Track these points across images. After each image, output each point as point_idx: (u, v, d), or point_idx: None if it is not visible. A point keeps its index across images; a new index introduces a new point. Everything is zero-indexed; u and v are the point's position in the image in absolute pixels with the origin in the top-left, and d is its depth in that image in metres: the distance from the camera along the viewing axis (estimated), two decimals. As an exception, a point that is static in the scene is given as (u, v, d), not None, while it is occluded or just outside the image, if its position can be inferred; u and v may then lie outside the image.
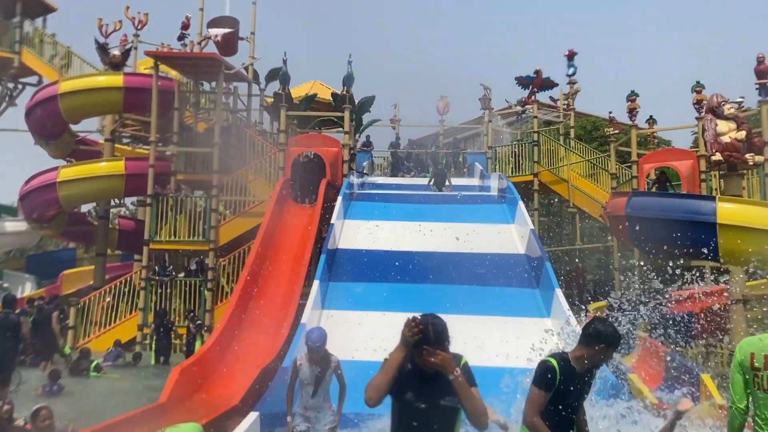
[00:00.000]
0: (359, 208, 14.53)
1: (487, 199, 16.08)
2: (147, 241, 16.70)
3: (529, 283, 11.16)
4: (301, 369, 5.84)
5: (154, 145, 17.33)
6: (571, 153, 21.48)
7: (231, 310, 10.78)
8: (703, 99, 16.93)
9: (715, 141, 12.84)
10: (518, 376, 8.61)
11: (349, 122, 17.38)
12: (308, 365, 5.83)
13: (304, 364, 5.84)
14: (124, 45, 20.08)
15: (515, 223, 13.54)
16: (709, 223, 11.05)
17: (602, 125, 29.92)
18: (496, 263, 11.84)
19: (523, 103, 24.24)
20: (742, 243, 10.94)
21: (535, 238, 11.84)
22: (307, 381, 5.83)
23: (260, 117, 22.11)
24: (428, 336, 2.99)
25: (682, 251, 13.49)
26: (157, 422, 6.85)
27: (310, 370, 5.81)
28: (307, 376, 5.82)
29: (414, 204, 15.09)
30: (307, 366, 5.83)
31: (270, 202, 14.52)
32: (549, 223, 27.34)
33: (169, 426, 3.70)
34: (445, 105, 24.34)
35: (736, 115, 13.02)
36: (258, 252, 12.63)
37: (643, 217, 12.14)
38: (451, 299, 10.50)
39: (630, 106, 17.95)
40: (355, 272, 11.55)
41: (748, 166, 12.98)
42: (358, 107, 20.33)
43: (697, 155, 17.27)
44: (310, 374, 5.81)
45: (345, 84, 18.16)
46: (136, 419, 6.79)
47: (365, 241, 12.69)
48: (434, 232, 13.19)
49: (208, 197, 17.10)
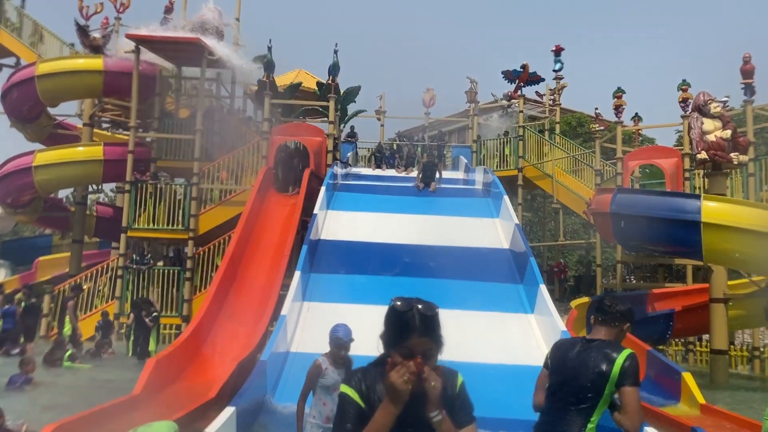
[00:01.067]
0: (343, 198, 14.34)
1: (472, 193, 15.97)
2: (125, 228, 16.37)
3: (513, 278, 11.06)
4: (326, 374, 4.94)
5: (134, 130, 16.96)
6: (555, 148, 21.47)
7: (209, 300, 10.57)
8: (689, 97, 16.92)
9: (700, 139, 12.83)
10: (500, 372, 8.56)
11: (333, 112, 17.15)
12: (333, 368, 4.95)
13: (328, 368, 4.94)
14: (105, 28, 19.63)
15: (500, 217, 13.44)
16: (693, 221, 11.02)
17: (587, 121, 29.99)
18: (480, 257, 11.75)
19: (509, 97, 24.15)
20: (725, 242, 10.93)
21: (519, 233, 11.75)
22: (332, 386, 4.89)
23: (244, 105, 21.78)
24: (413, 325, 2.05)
25: (666, 249, 13.51)
26: (130, 415, 6.65)
27: (337, 373, 4.92)
28: (332, 382, 4.91)
29: (398, 196, 14.94)
30: (332, 370, 4.94)
31: (252, 191, 14.27)
32: (532, 219, 27.38)
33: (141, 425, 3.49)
34: (431, 97, 24.13)
35: (722, 114, 13.01)
36: (238, 241, 12.41)
37: (627, 214, 12.09)
38: (433, 293, 10.36)
39: (616, 103, 17.89)
40: (337, 264, 11.37)
41: (733, 165, 12.98)
42: (344, 97, 20.10)
43: (681, 153, 17.31)
44: (337, 378, 4.91)
45: (330, 73, 17.90)
46: (107, 412, 6.57)
47: (348, 232, 12.52)
48: (418, 224, 13.06)
49: (188, 185, 16.79)
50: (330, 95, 17.22)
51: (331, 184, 14.54)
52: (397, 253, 11.86)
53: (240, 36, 20.45)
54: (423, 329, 2.06)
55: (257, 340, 9.32)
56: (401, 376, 1.98)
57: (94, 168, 17.49)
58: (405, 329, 2.05)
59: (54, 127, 20.00)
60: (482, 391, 7.07)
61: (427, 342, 2.06)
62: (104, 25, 19.75)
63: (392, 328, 2.09)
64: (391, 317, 2.10)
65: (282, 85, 21.19)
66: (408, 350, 2.02)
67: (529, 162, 21.00)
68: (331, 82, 17.66)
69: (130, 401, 7.11)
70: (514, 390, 7.88)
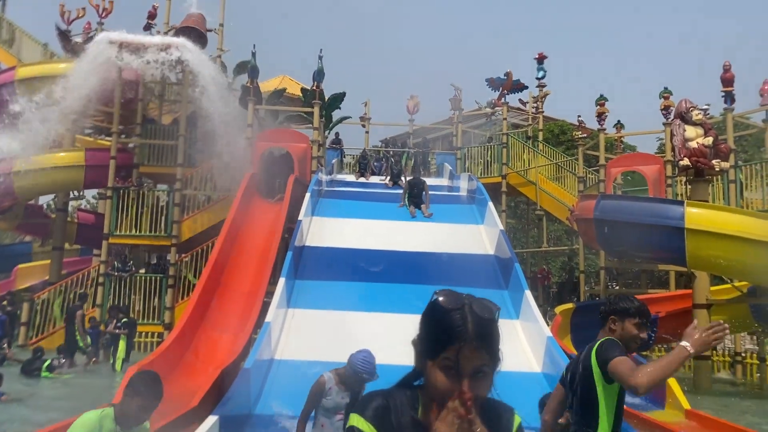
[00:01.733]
0: (328, 205, 14.27)
1: (457, 200, 15.97)
2: (106, 235, 16.17)
3: (498, 284, 11.04)
4: (329, 393, 4.52)
5: (116, 135, 16.81)
6: (539, 156, 21.60)
7: (192, 307, 10.41)
8: (671, 105, 17.12)
9: (683, 146, 12.95)
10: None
11: (318, 118, 17.10)
12: (338, 389, 4.51)
13: (333, 388, 4.52)
14: (87, 33, 19.45)
15: (485, 223, 13.44)
16: (677, 227, 11.11)
17: (569, 129, 30.22)
18: (465, 263, 11.72)
19: (493, 105, 24.27)
20: (709, 248, 11.03)
21: (504, 239, 11.75)
22: (333, 409, 4.51)
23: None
24: (464, 330, 1.48)
25: (650, 255, 13.60)
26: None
27: (340, 396, 4.52)
28: (333, 405, 4.51)
29: (383, 202, 14.89)
30: (337, 391, 4.51)
31: (236, 197, 14.15)
32: (516, 225, 27.47)
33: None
34: (415, 104, 24.21)
35: (704, 121, 13.16)
36: (222, 248, 12.27)
37: (611, 220, 12.18)
38: (418, 299, 10.30)
39: (599, 110, 18.05)
40: (323, 270, 11.28)
41: (715, 172, 13.12)
42: (328, 103, 20.05)
43: (663, 160, 17.47)
44: (339, 402, 4.51)
45: (315, 79, 17.86)
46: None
47: (333, 238, 12.44)
48: (403, 231, 13.03)
49: (171, 191, 16.64)
50: (315, 101, 17.18)
51: (316, 190, 14.46)
52: (382, 259, 11.80)
53: (224, 41, 20.38)
54: (477, 337, 1.48)
55: (241, 348, 9.19)
56: (449, 425, 1.42)
57: (75, 174, 17.27)
58: (450, 335, 1.48)
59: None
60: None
61: (481, 356, 1.48)
62: (86, 30, 19.55)
63: (432, 332, 1.52)
64: (432, 317, 1.53)
65: (266, 91, 21.12)
66: (452, 364, 1.47)
67: (512, 169, 21.11)
68: (315, 88, 17.62)
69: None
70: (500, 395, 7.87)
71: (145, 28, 19.62)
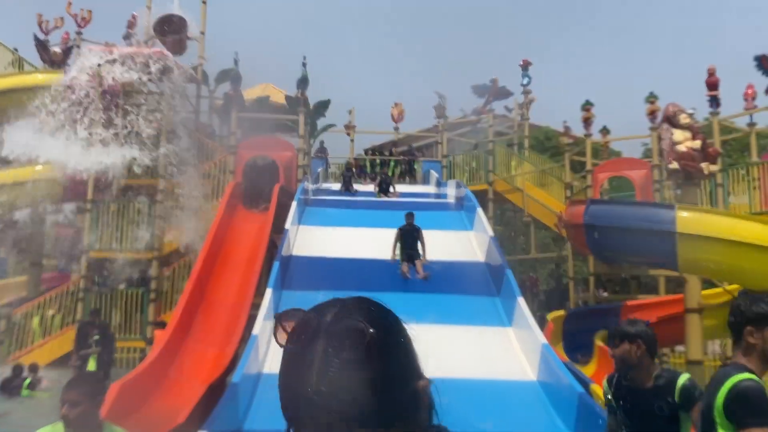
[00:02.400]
0: (314, 214, 14.02)
1: (445, 207, 15.80)
2: (86, 249, 15.77)
3: (490, 292, 10.86)
4: None
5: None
6: (525, 162, 21.52)
7: (176, 321, 10.10)
8: (657, 110, 17.12)
9: (671, 150, 12.88)
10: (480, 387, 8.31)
11: (303, 126, 16.86)
12: None
13: None
14: (66, 43, 19.09)
15: (474, 230, 13.27)
16: (668, 231, 10.98)
17: (555, 136, 30.27)
18: (456, 271, 11.54)
19: (479, 112, 24.22)
20: (700, 252, 10.92)
21: (495, 246, 11.58)
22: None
23: (209, 120, 21.33)
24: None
25: (641, 259, 13.50)
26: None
27: None
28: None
29: (371, 210, 14.68)
30: None
31: (219, 208, 13.86)
32: (503, 233, 27.38)
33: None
34: (400, 112, 24.03)
35: (691, 125, 13.12)
36: (206, 259, 11.97)
37: (601, 226, 12.04)
38: (409, 307, 10.09)
39: (584, 116, 18.01)
40: (310, 280, 11.00)
41: (704, 175, 13.06)
42: (313, 111, 19.82)
43: (650, 165, 17.45)
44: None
45: (299, 87, 17.65)
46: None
47: (320, 248, 12.19)
48: (391, 239, 12.80)
49: (152, 203, 16.28)
50: (299, 109, 16.95)
51: (302, 199, 14.21)
52: (371, 268, 11.57)
53: (204, 50, 20.10)
54: None
55: (227, 362, 8.91)
56: None
57: (53, 187, 16.82)
58: None
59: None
60: (462, 406, 6.83)
61: None
62: (65, 40, 19.19)
63: None
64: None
65: (249, 99, 20.86)
66: None
67: (499, 176, 21.00)
68: (299, 96, 17.39)
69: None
70: (493, 405, 7.66)
71: (125, 38, 19.30)
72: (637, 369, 3.33)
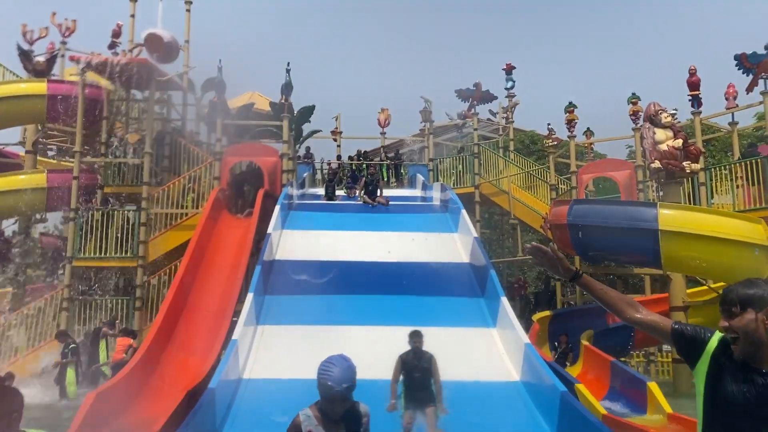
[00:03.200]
0: (298, 218, 13.97)
1: (429, 209, 15.79)
2: (70, 258, 15.63)
3: (474, 293, 10.83)
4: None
5: (78, 155, 16.29)
6: (511, 165, 21.55)
7: (156, 329, 10.00)
8: (639, 110, 17.20)
9: (653, 149, 12.93)
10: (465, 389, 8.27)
11: (288, 131, 16.81)
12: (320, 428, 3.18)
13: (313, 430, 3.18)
14: (51, 53, 18.98)
15: (458, 231, 13.25)
16: (650, 229, 11.01)
17: (539, 139, 30.35)
18: (440, 272, 11.51)
19: (464, 116, 24.24)
20: (683, 249, 10.95)
21: (479, 247, 11.56)
22: None
23: (197, 127, 21.26)
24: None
25: (625, 258, 13.51)
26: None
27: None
28: None
29: (355, 213, 14.65)
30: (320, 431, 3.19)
31: (203, 214, 13.77)
32: (491, 236, 27.38)
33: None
34: (386, 117, 24.07)
35: (673, 124, 13.18)
36: (188, 266, 11.88)
37: (585, 225, 12.06)
38: (393, 310, 10.10)
39: (568, 117, 18.07)
40: (293, 284, 10.97)
41: (686, 174, 13.10)
42: (298, 117, 19.77)
43: (634, 165, 17.51)
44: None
45: (283, 93, 17.60)
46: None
47: (304, 251, 12.14)
48: (376, 241, 12.77)
49: (137, 210, 16.16)
50: (283, 114, 16.89)
51: (286, 203, 14.16)
52: (355, 271, 11.53)
53: (189, 58, 20.04)
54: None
55: (208, 369, 8.81)
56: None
57: (37, 196, 16.68)
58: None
59: (-5, 155, 19.15)
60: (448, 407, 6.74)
61: None
62: (50, 50, 19.07)
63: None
64: None
65: (235, 108, 20.80)
66: None
67: (485, 179, 21.01)
68: (284, 102, 17.34)
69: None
70: (477, 406, 7.61)
71: (110, 47, 19.23)
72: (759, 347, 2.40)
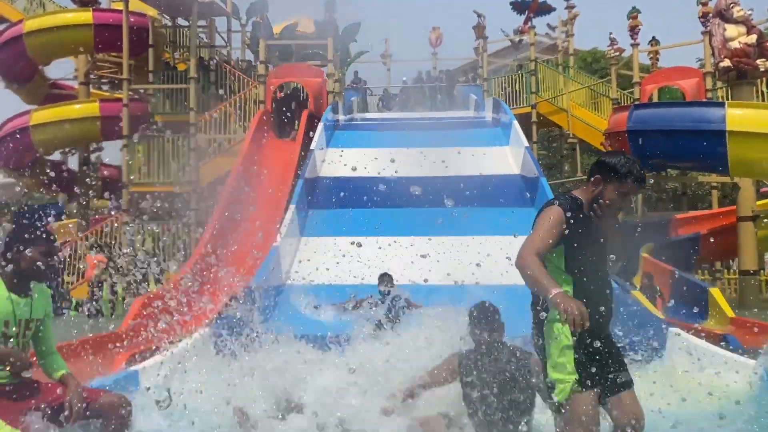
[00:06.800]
0: (343, 136, 13.70)
1: (482, 124, 15.23)
2: (126, 184, 15.99)
3: (524, 202, 10.42)
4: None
5: (126, 83, 16.38)
6: (570, 81, 20.45)
7: (204, 243, 10.09)
8: (709, 11, 15.84)
9: (723, 47, 11.91)
10: (518, 292, 8.02)
11: (332, 50, 16.33)
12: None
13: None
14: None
15: (510, 144, 12.71)
16: (717, 131, 10.18)
17: (602, 56, 28.71)
18: (490, 185, 11.10)
19: (520, 31, 23.08)
20: (753, 151, 10.11)
21: (530, 156, 11.06)
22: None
23: (242, 54, 21.07)
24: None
25: (688, 164, 12.70)
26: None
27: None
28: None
29: (402, 131, 14.23)
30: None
31: (247, 136, 13.69)
32: (548, 160, 26.48)
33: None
34: (438, 37, 23.14)
35: (746, 19, 12.03)
36: (233, 186, 11.87)
37: (646, 131, 11.29)
38: (446, 222, 9.83)
39: (631, 24, 16.86)
40: (337, 199, 10.80)
41: (759, 73, 12.06)
42: (343, 36, 19.18)
43: (702, 72, 16.29)
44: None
45: (327, 9, 17.03)
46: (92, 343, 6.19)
47: (348, 168, 11.87)
48: (425, 157, 12.39)
49: (187, 136, 16.24)
50: (328, 33, 16.36)
51: (331, 122, 13.87)
52: (403, 185, 11.20)
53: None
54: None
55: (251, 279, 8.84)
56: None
57: (90, 125, 16.98)
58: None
59: (50, 88, 19.53)
60: (505, 311, 6.56)
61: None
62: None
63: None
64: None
65: (278, 32, 20.41)
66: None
67: (542, 98, 20.06)
68: (328, 18, 16.79)
69: (112, 336, 6.72)
70: (526, 307, 7.38)
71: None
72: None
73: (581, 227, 3.12)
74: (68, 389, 3.04)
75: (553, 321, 3.04)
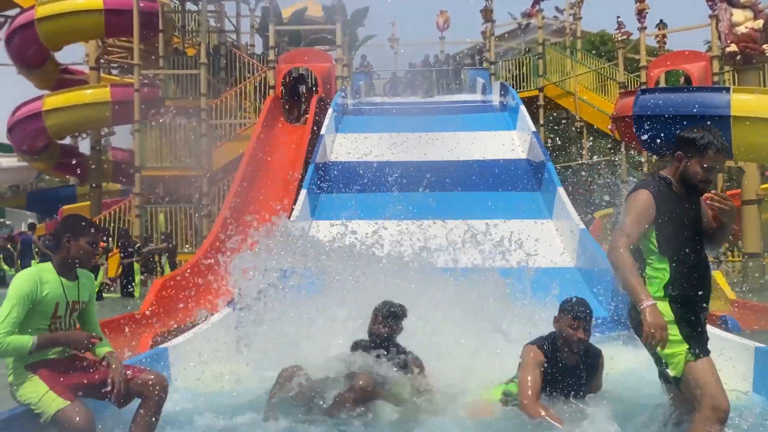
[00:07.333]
0: (352, 121, 13.89)
1: (488, 109, 15.37)
2: (138, 168, 16.22)
3: (531, 186, 10.62)
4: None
5: (138, 68, 16.56)
6: (578, 65, 20.49)
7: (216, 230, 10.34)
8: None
9: (729, 31, 11.98)
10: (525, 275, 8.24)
11: (341, 35, 16.46)
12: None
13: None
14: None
15: (517, 129, 12.87)
16: (722, 116, 10.30)
17: (609, 39, 28.63)
18: (497, 169, 11.29)
19: (527, 14, 23.07)
20: (757, 136, 10.24)
21: (536, 140, 11.23)
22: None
23: (251, 39, 21.18)
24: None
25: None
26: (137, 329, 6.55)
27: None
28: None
29: (411, 116, 14.40)
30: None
31: (258, 121, 13.88)
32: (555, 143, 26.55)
33: None
34: (445, 20, 23.14)
35: (754, 3, 12.09)
36: (246, 171, 12.10)
37: (651, 115, 11.41)
38: (449, 205, 10.02)
39: (639, 7, 16.84)
40: (348, 183, 11.02)
41: (766, 58, 12.14)
42: (351, 20, 19.27)
43: (710, 56, 16.32)
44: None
45: (335, -7, 17.15)
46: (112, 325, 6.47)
47: (358, 152, 12.08)
48: (433, 142, 12.57)
49: (199, 121, 16.44)
50: (336, 17, 16.48)
51: (341, 105, 14.04)
52: (412, 169, 11.43)
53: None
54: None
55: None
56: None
57: (102, 110, 17.18)
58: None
59: (61, 73, 19.71)
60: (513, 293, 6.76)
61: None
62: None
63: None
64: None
65: (287, 17, 20.51)
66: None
67: (549, 81, 20.12)
68: (336, 2, 16.89)
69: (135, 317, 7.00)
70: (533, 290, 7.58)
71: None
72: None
73: (672, 206, 3.13)
74: (111, 366, 3.28)
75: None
